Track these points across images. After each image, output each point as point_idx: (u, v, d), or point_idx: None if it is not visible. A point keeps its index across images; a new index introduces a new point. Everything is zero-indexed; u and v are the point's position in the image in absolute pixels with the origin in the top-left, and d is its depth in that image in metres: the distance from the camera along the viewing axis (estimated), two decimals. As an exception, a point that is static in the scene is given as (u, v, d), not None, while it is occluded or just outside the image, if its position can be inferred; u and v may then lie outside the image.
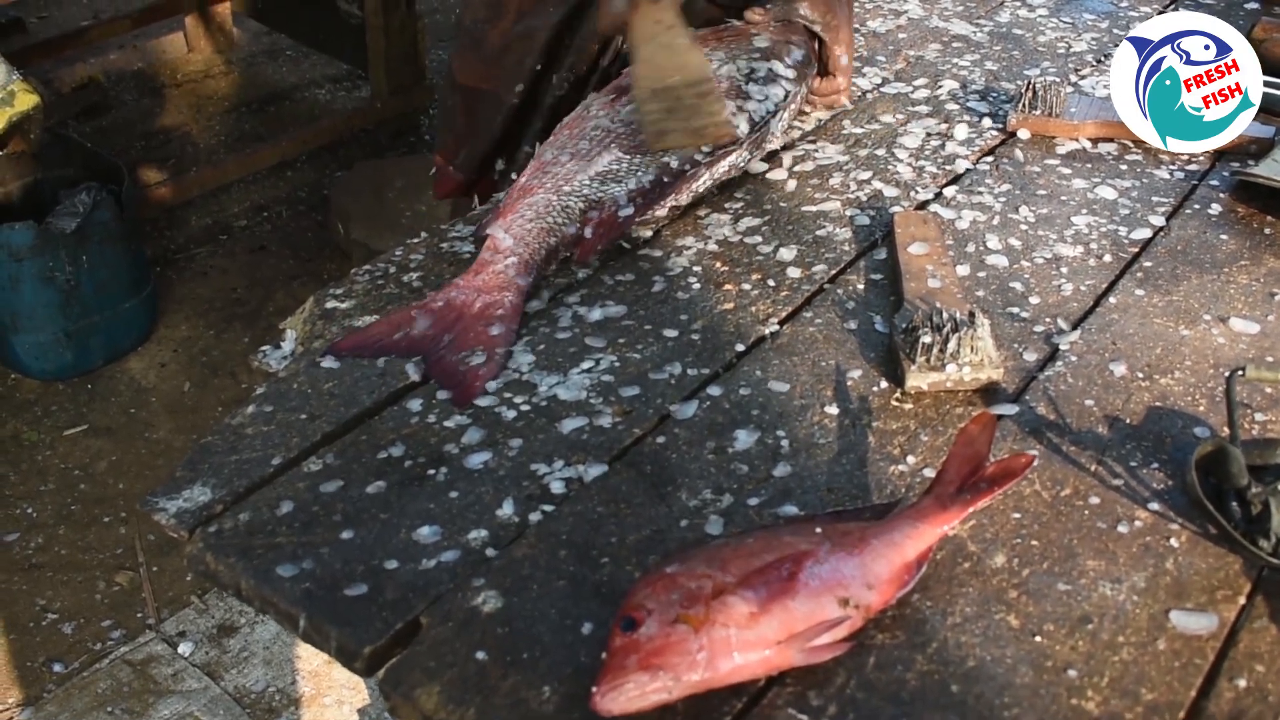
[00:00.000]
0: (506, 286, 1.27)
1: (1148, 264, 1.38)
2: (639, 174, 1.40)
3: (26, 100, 2.58)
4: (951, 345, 1.15)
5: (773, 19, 1.64)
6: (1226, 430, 1.06)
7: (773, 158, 1.58)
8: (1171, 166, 1.59)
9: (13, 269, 2.74)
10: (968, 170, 1.57)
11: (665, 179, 1.40)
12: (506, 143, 1.81)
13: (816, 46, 1.66)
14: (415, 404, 1.14)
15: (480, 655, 0.89)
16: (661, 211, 1.41)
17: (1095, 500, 1.04)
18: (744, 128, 1.47)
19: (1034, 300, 1.31)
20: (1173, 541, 1.00)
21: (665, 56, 1.46)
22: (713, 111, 1.44)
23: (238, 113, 4.03)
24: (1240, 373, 1.05)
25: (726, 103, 1.47)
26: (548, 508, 1.02)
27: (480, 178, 1.79)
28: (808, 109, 1.69)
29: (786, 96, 1.54)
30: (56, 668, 2.25)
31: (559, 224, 1.33)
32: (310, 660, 2.25)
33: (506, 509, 1.02)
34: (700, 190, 1.45)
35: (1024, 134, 1.65)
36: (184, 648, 2.28)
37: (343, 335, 1.23)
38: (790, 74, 1.57)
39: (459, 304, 1.25)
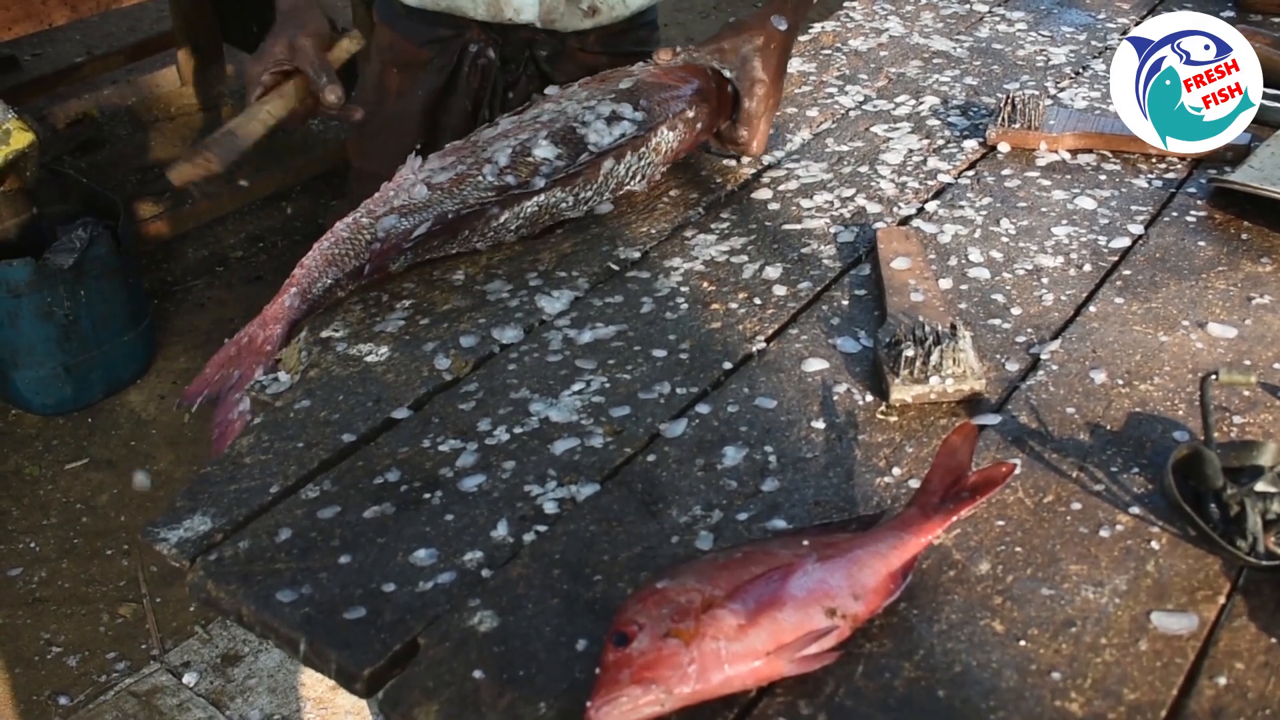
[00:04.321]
0: (278, 318, 1.32)
1: (1127, 272, 1.41)
2: (428, 210, 1.39)
3: (22, 138, 2.61)
4: (934, 358, 1.18)
5: (682, 60, 1.59)
6: (1203, 434, 1.08)
7: (758, 177, 1.60)
8: (1150, 175, 1.62)
9: (11, 305, 2.76)
10: (949, 185, 1.59)
11: (450, 215, 1.39)
12: None
13: (730, 92, 1.58)
14: (410, 430, 1.16)
15: (477, 674, 0.91)
16: (452, 246, 1.41)
17: (1077, 506, 1.06)
18: (556, 162, 1.45)
19: (1015, 311, 1.33)
20: (1153, 544, 1.02)
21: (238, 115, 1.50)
22: (208, 146, 1.46)
23: (231, 145, 4.06)
24: (1214, 377, 1.08)
25: (231, 143, 1.47)
26: (541, 528, 1.04)
27: None
28: (714, 152, 1.65)
29: (622, 137, 1.48)
30: (62, 701, 2.26)
31: (342, 254, 1.36)
32: (314, 687, 2.27)
33: (501, 530, 1.04)
34: (513, 230, 1.44)
35: (1004, 147, 1.68)
36: (189, 678, 2.30)
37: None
38: (638, 116, 1.51)
39: (245, 338, 1.32)
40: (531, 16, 1.75)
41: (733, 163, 1.65)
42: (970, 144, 1.70)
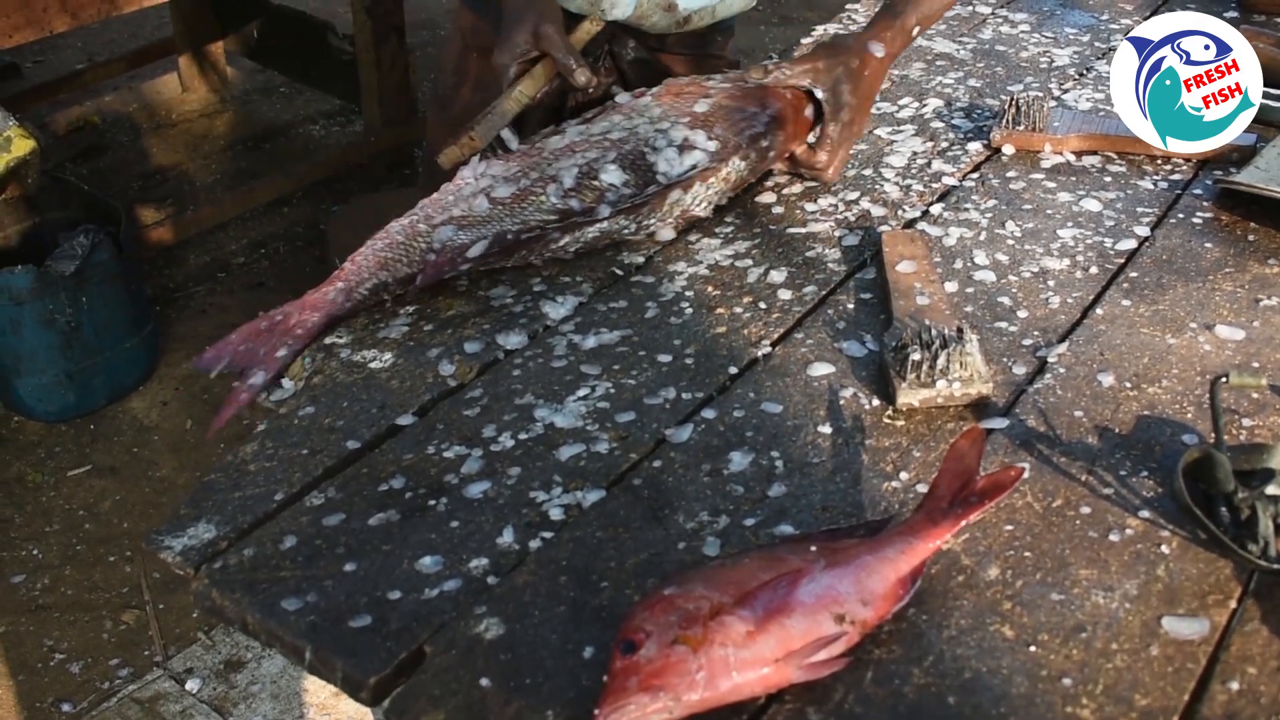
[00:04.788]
0: (318, 307, 1.31)
1: (1133, 274, 1.40)
2: (487, 227, 1.38)
3: (23, 145, 2.60)
4: (940, 361, 1.17)
5: (773, 80, 1.54)
6: (1213, 437, 1.07)
7: (763, 180, 1.60)
8: (1155, 177, 1.61)
9: (13, 312, 2.76)
10: (954, 187, 1.59)
11: (510, 237, 1.37)
12: None
13: (809, 116, 1.57)
14: (414, 436, 1.16)
15: (484, 682, 0.90)
16: (507, 262, 1.40)
17: (1086, 510, 1.05)
18: (623, 190, 1.42)
19: (1022, 314, 1.33)
20: (1163, 548, 1.01)
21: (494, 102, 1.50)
22: (471, 128, 1.46)
23: (233, 151, 4.06)
24: (1223, 379, 1.07)
25: (493, 121, 1.47)
26: (547, 534, 1.04)
27: None
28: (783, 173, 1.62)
29: (693, 169, 1.45)
30: (65, 708, 2.26)
31: (395, 259, 1.35)
32: (317, 693, 2.26)
33: (507, 537, 1.03)
34: (570, 251, 1.42)
35: (1008, 149, 1.67)
36: (192, 684, 2.29)
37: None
38: (711, 146, 1.47)
39: (280, 315, 1.32)
40: (625, 14, 1.73)
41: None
42: (974, 146, 1.69)
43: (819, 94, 1.54)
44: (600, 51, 1.77)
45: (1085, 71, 1.95)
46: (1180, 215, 1.53)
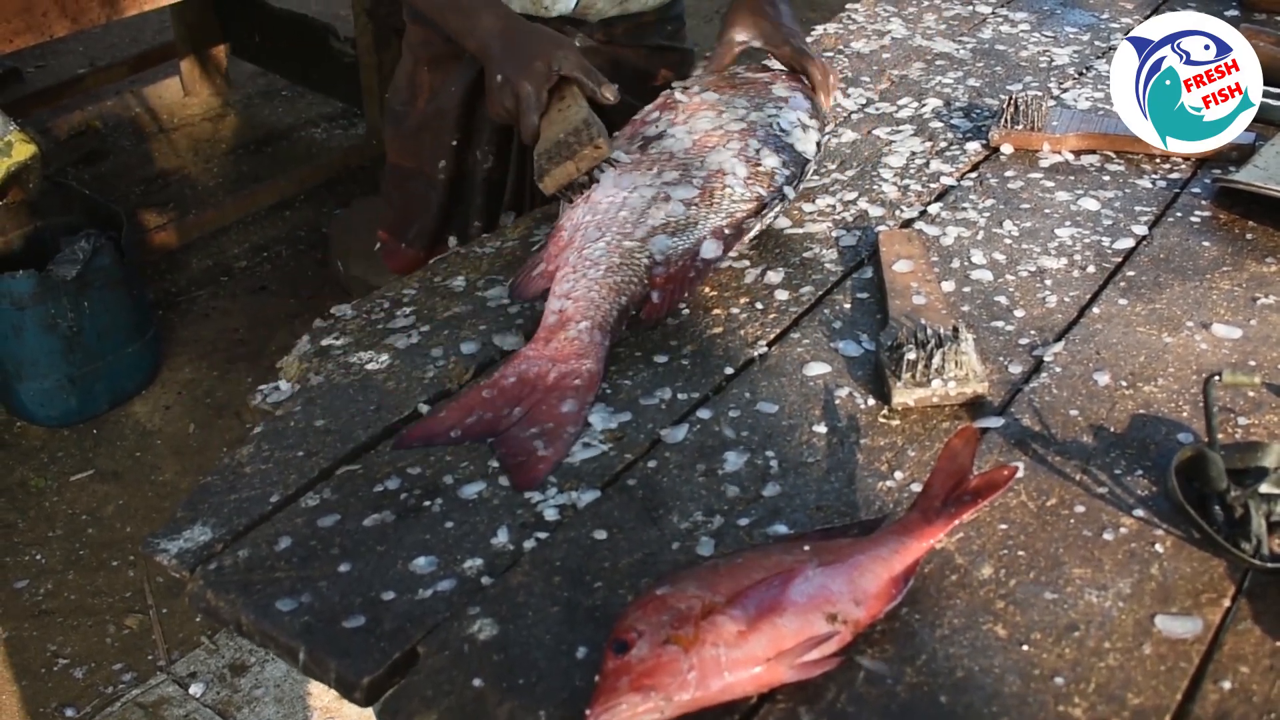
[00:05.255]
0: (584, 354, 1.21)
1: (1131, 273, 1.40)
2: (697, 229, 1.36)
3: (24, 150, 2.60)
4: (936, 361, 1.17)
5: (725, 75, 1.65)
6: (1207, 436, 1.07)
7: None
8: (1154, 176, 1.61)
9: (15, 317, 2.76)
10: (952, 187, 1.59)
11: (729, 231, 1.36)
12: (453, 218, 1.86)
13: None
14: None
15: (477, 682, 0.90)
16: (722, 264, 1.38)
17: (1080, 509, 1.05)
18: (780, 176, 1.44)
19: (1018, 313, 1.33)
20: (1157, 547, 1.01)
21: (559, 124, 1.47)
22: (584, 141, 1.42)
23: (235, 154, 4.07)
24: (1217, 378, 1.07)
25: (600, 127, 1.43)
26: (542, 534, 1.04)
27: (432, 253, 1.79)
28: None
29: (818, 146, 1.51)
30: (69, 713, 2.26)
31: (626, 281, 1.29)
32: (321, 696, 2.26)
33: (501, 537, 1.03)
34: (746, 244, 1.42)
35: (1007, 149, 1.67)
36: (195, 688, 2.29)
37: (414, 421, 1.19)
38: (814, 124, 1.54)
39: (532, 377, 1.19)
40: (568, 8, 1.74)
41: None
42: (973, 146, 1.69)
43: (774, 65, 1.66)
44: None
45: (1085, 71, 1.95)
46: (1178, 214, 1.52)
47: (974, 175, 1.62)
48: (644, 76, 1.84)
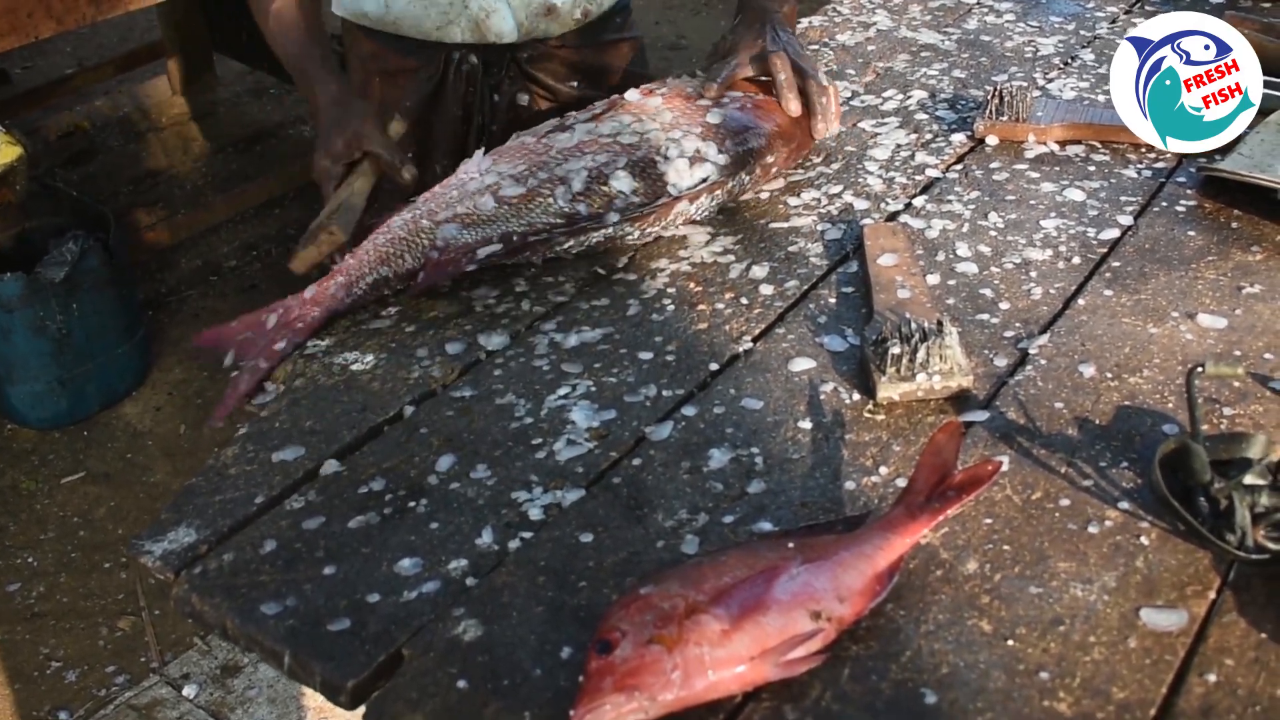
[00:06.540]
0: (319, 301, 1.33)
1: (1116, 264, 1.40)
2: (492, 227, 1.37)
3: (9, 153, 2.60)
4: (920, 355, 1.17)
5: (721, 84, 1.57)
6: (1191, 427, 1.07)
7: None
8: (1139, 165, 1.60)
9: (4, 320, 2.76)
10: (937, 179, 1.58)
11: (516, 239, 1.37)
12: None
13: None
14: (395, 438, 1.16)
15: (462, 684, 0.90)
16: (508, 260, 1.40)
17: (1066, 502, 1.05)
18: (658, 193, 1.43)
19: (1004, 306, 1.32)
20: (1142, 540, 1.01)
21: (330, 203, 1.50)
22: (326, 227, 1.44)
23: (224, 153, 4.06)
24: (1200, 369, 1.07)
25: (348, 214, 1.46)
26: (526, 534, 1.04)
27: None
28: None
29: (703, 182, 1.45)
30: (62, 716, 2.26)
31: (397, 254, 1.36)
32: (314, 697, 2.26)
33: (486, 537, 1.03)
34: (573, 254, 1.42)
35: (992, 140, 1.67)
36: (188, 690, 2.29)
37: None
38: (722, 160, 1.47)
39: (282, 309, 1.34)
40: (512, 37, 1.75)
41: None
42: (958, 137, 1.69)
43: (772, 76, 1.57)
44: (505, 61, 1.78)
45: (1070, 60, 1.94)
46: (1164, 203, 1.52)
47: (959, 167, 1.62)
48: (600, 71, 1.85)
